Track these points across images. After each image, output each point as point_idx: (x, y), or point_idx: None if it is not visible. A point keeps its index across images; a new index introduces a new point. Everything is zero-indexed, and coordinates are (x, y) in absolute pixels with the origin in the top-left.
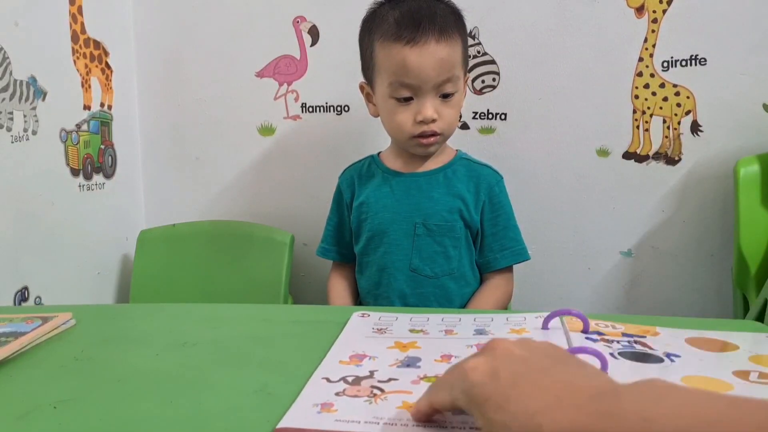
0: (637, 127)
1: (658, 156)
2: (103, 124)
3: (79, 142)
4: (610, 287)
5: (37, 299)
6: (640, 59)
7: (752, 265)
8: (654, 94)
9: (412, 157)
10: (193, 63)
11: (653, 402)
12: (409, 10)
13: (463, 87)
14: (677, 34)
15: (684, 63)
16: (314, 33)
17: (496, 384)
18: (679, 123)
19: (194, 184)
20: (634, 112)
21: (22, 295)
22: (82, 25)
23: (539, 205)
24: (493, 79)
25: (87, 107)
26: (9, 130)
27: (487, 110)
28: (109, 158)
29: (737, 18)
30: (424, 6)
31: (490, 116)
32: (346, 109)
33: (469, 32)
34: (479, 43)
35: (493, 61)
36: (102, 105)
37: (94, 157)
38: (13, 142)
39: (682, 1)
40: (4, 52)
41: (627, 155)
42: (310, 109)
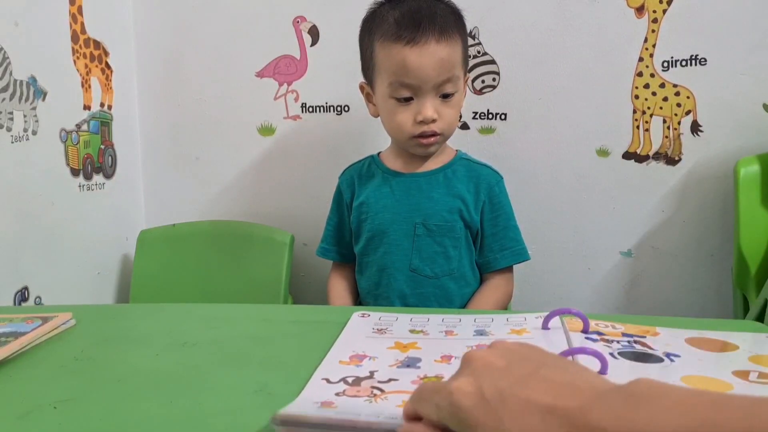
0: (637, 127)
1: (658, 156)
2: (103, 124)
3: (79, 142)
4: (610, 287)
5: (37, 299)
6: (640, 59)
7: (752, 265)
8: (654, 94)
9: (412, 158)
10: (193, 63)
11: (642, 407)
12: (409, 10)
13: (463, 87)
14: (677, 34)
15: (684, 63)
16: (314, 33)
17: (485, 406)
18: (679, 123)
19: (194, 184)
20: (634, 112)
21: (22, 295)
22: (82, 25)
23: (539, 205)
24: (493, 79)
25: (87, 107)
26: (9, 130)
27: (487, 110)
28: (109, 158)
29: (737, 18)
30: (424, 6)
31: (490, 116)
32: (346, 109)
33: (469, 32)
34: (479, 43)
35: (493, 61)
36: (102, 105)
37: (94, 157)
38: (13, 142)
39: (682, 1)
40: (4, 52)
41: (627, 155)
42: (310, 109)
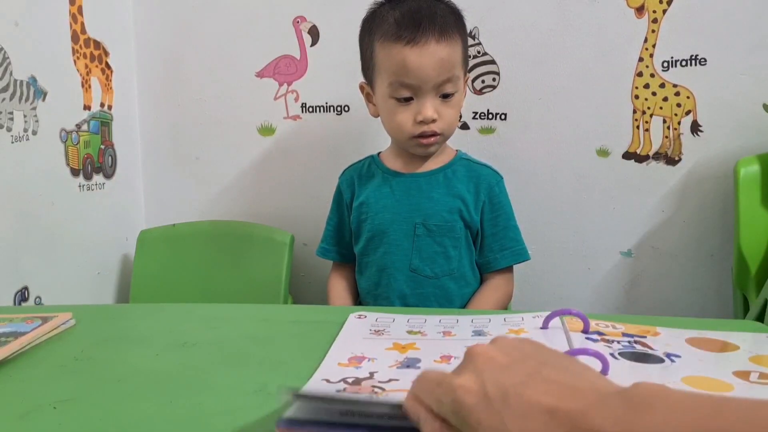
0: (637, 127)
1: (658, 156)
2: (103, 124)
3: (79, 142)
4: (610, 287)
5: (37, 299)
6: (640, 59)
7: (752, 265)
8: (654, 94)
9: (412, 158)
10: (193, 63)
11: (644, 411)
12: (409, 10)
13: (463, 87)
14: (677, 34)
15: (684, 63)
16: (314, 33)
17: (487, 405)
18: (679, 123)
19: (194, 184)
20: (634, 112)
21: (22, 295)
22: (82, 25)
23: (539, 205)
24: (493, 79)
25: (87, 107)
26: (9, 130)
27: (487, 110)
28: (109, 158)
29: (737, 18)
30: (424, 6)
31: (490, 116)
32: (346, 109)
33: (469, 32)
34: (479, 43)
35: (493, 61)
36: (102, 105)
37: (94, 157)
38: (13, 142)
39: (682, 1)
40: (4, 52)
41: (627, 155)
42: (310, 109)
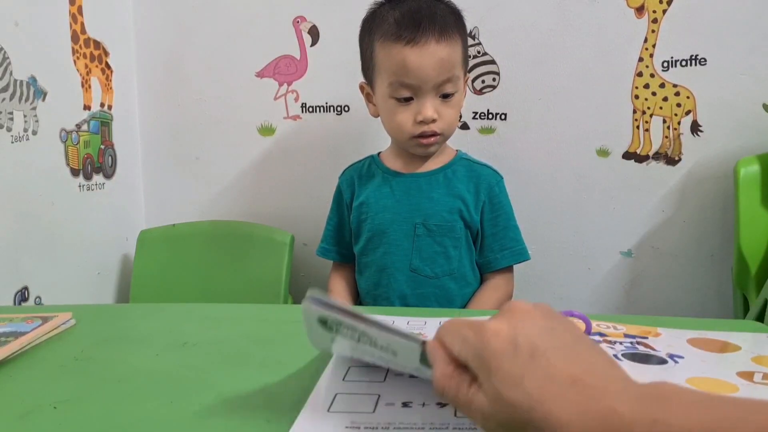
0: (637, 127)
1: (658, 156)
2: (103, 124)
3: (79, 142)
4: (610, 287)
5: (37, 299)
6: (640, 59)
7: (752, 265)
8: (654, 94)
9: (412, 158)
10: (193, 63)
11: (662, 403)
12: (409, 10)
13: (463, 87)
14: (677, 34)
15: (684, 63)
16: (314, 33)
17: (514, 355)
18: (679, 123)
19: (194, 184)
20: (634, 112)
21: (22, 295)
22: (82, 25)
23: (539, 205)
24: (493, 79)
25: (87, 107)
26: (9, 130)
27: (487, 110)
28: (109, 158)
29: (737, 18)
30: (424, 6)
31: (490, 116)
32: (346, 109)
33: (469, 32)
34: (479, 43)
35: (493, 61)
36: (102, 105)
37: (94, 157)
38: (13, 142)
39: (682, 1)
40: (4, 52)
41: (627, 155)
42: (310, 109)
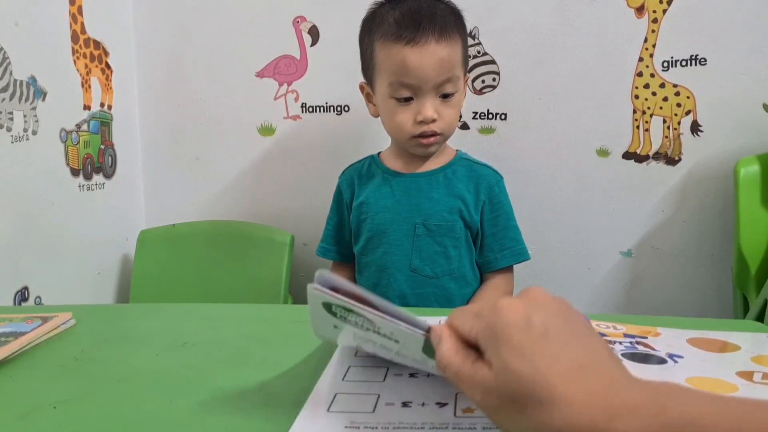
0: (637, 127)
1: (658, 156)
2: (103, 124)
3: (79, 142)
4: (610, 287)
5: (37, 299)
6: (640, 59)
7: (752, 265)
8: (654, 94)
9: (412, 158)
10: (193, 63)
11: (669, 393)
12: (409, 10)
13: (463, 87)
14: (677, 34)
15: (684, 63)
16: (314, 33)
17: (526, 329)
18: (679, 123)
19: (194, 184)
20: (634, 112)
21: (22, 295)
22: (82, 25)
23: (539, 205)
24: (493, 79)
25: (87, 107)
26: (9, 130)
27: (487, 110)
28: (109, 158)
29: (737, 18)
30: (424, 6)
31: (490, 116)
32: (346, 109)
33: (469, 32)
34: (479, 43)
35: (493, 61)
36: (102, 105)
37: (94, 157)
38: (13, 142)
39: (682, 1)
40: (4, 52)
41: (627, 155)
42: (310, 109)
